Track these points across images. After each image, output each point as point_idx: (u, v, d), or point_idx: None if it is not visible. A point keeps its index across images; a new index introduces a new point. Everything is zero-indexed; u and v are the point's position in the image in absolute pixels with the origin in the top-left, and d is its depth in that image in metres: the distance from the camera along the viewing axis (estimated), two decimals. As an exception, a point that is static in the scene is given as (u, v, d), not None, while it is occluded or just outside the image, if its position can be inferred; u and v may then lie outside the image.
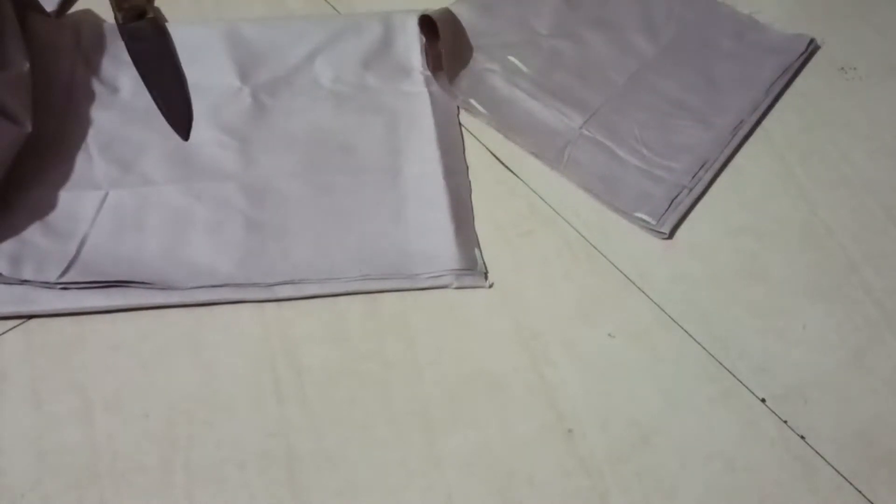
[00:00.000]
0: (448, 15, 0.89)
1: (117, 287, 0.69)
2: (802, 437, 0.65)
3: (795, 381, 0.68)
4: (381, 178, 0.79)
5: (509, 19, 0.94)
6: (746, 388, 0.68)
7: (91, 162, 0.78)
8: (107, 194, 0.76)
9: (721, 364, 0.69)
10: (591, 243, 0.76)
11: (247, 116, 0.83)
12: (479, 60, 0.89)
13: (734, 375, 0.69)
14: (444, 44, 0.87)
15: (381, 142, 0.82)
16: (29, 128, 0.76)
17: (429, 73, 0.88)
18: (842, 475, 0.64)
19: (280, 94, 0.86)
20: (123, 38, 0.86)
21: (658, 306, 0.72)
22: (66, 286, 0.69)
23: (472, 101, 0.86)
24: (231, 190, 0.77)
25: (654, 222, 0.76)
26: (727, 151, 0.83)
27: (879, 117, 0.88)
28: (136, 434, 0.63)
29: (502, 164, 0.82)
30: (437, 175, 0.79)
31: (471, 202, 0.79)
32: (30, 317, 0.69)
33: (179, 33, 0.88)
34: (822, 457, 0.64)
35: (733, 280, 0.74)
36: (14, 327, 0.68)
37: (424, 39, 0.90)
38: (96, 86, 0.84)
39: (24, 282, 0.69)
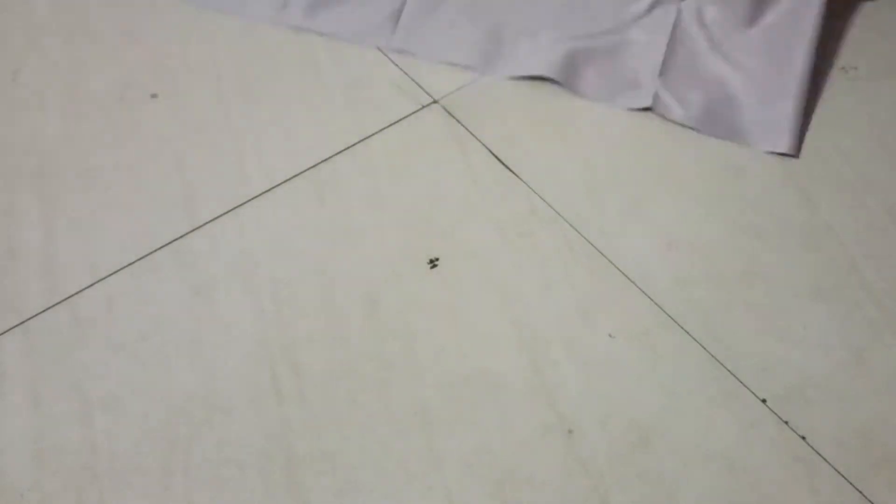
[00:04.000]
0: None
1: None
2: (803, 438, 0.65)
3: (796, 382, 0.68)
4: None
5: None
6: (747, 388, 0.68)
7: None
8: None
9: (721, 364, 0.69)
10: (591, 243, 0.76)
11: None
12: None
13: (734, 375, 0.68)
14: None
15: None
16: None
17: None
18: (842, 475, 0.63)
19: None
20: None
21: (658, 306, 0.72)
22: None
23: None
24: None
25: None
26: None
27: (879, 117, 0.88)
28: (136, 434, 0.63)
29: (502, 163, 0.82)
30: None
31: None
32: (28, 318, 0.69)
33: None
34: (822, 457, 0.64)
35: (733, 280, 0.74)
36: (14, 327, 0.68)
37: None
38: None
39: None
